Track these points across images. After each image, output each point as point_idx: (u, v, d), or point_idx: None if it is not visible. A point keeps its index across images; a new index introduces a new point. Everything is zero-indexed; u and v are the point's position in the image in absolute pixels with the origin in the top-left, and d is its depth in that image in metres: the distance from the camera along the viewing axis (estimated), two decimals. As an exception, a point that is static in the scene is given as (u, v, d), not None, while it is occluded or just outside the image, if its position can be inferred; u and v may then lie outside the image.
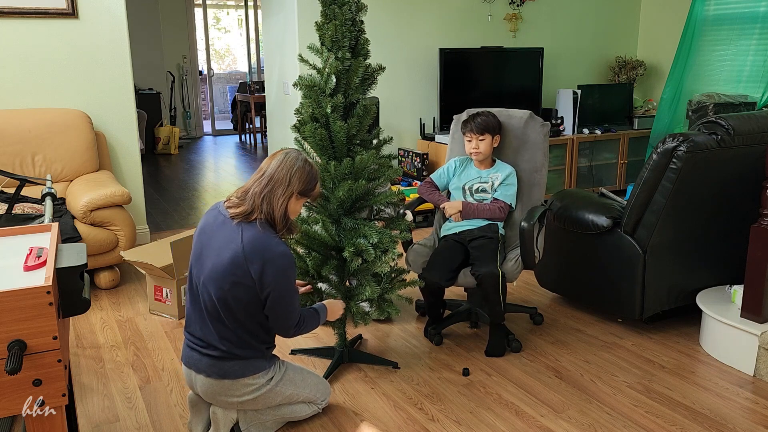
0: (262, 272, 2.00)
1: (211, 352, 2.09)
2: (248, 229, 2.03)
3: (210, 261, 2.06)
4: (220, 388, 2.10)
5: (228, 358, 2.09)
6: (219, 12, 12.72)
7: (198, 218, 5.29)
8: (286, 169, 2.07)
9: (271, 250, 2.02)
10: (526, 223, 2.75)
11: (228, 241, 2.04)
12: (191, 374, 2.15)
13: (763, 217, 2.68)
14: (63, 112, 3.99)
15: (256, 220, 2.05)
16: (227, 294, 2.03)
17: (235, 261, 2.01)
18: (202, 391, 2.14)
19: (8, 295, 1.37)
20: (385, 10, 5.14)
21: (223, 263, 2.02)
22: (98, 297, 3.59)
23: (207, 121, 10.79)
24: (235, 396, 2.13)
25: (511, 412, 2.41)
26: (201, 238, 2.13)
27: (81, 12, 4.07)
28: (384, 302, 2.65)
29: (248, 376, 2.11)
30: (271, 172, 2.08)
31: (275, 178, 2.07)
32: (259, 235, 2.02)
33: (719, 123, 2.78)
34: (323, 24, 2.50)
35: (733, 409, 2.43)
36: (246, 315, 2.07)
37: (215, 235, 2.09)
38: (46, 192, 2.52)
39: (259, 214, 2.05)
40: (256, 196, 2.06)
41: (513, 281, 2.87)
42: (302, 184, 2.09)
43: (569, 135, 5.53)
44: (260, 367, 2.15)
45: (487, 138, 2.93)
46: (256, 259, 2.00)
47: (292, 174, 2.07)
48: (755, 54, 5.22)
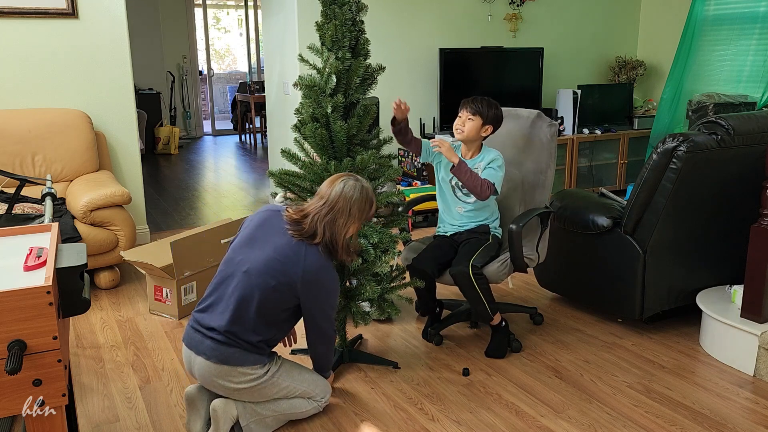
0: (312, 297, 2.16)
1: (216, 336, 2.13)
2: (311, 253, 2.14)
3: (263, 255, 2.14)
4: (217, 372, 2.13)
5: (232, 344, 2.13)
6: (219, 12, 12.71)
7: (198, 218, 5.29)
8: (345, 200, 2.17)
9: (327, 284, 2.18)
10: (515, 225, 2.72)
11: (288, 251, 2.13)
12: (191, 355, 2.17)
13: (763, 217, 2.68)
14: (63, 112, 3.99)
15: (318, 245, 2.15)
16: (269, 292, 2.12)
17: (290, 276, 2.11)
18: (199, 373, 2.16)
19: (8, 295, 1.37)
20: (385, 10, 5.14)
21: (277, 268, 2.11)
22: (98, 297, 3.59)
23: (207, 121, 10.79)
24: (232, 382, 2.15)
25: (511, 412, 2.41)
26: (256, 231, 2.20)
27: (81, 12, 4.07)
28: (384, 302, 2.65)
29: (247, 366, 2.15)
30: (333, 201, 2.17)
31: (336, 209, 2.17)
32: (321, 264, 2.14)
33: (719, 123, 2.78)
34: (323, 24, 2.50)
35: (733, 409, 2.43)
36: (272, 316, 2.17)
37: (274, 236, 2.17)
38: (46, 192, 2.52)
39: (321, 239, 2.15)
40: (318, 222, 2.15)
41: (497, 282, 2.83)
42: (362, 213, 2.21)
43: (569, 135, 5.53)
44: (260, 360, 2.18)
45: (476, 120, 2.78)
46: (312, 287, 2.14)
47: (352, 204, 2.18)
48: (755, 54, 5.22)
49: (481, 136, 2.82)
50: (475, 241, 2.83)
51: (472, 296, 2.70)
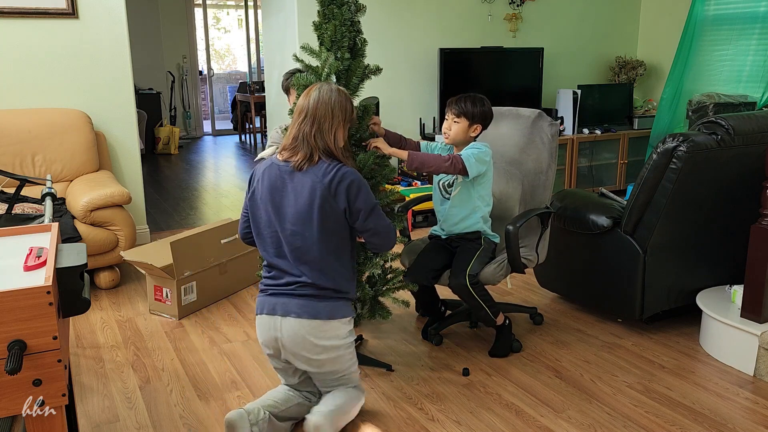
0: (349, 198, 2.14)
1: (303, 291, 2.15)
2: (319, 167, 2.14)
3: (292, 209, 2.15)
4: (310, 328, 2.14)
5: (320, 296, 2.16)
6: (219, 12, 12.72)
7: (198, 218, 5.29)
8: (325, 104, 2.17)
9: (347, 176, 2.14)
10: (512, 226, 2.71)
11: (306, 184, 2.13)
12: (275, 321, 2.16)
13: (763, 217, 2.68)
14: (63, 112, 3.99)
15: (320, 160, 2.15)
16: (320, 228, 2.13)
17: (323, 198, 2.12)
18: (289, 335, 2.14)
19: (8, 295, 1.37)
20: (385, 10, 5.14)
21: (310, 204, 2.12)
22: (98, 297, 3.59)
23: (207, 121, 10.79)
24: (324, 338, 2.16)
25: (511, 412, 2.41)
26: (273, 196, 2.18)
27: (81, 12, 4.07)
28: (377, 304, 2.64)
29: (337, 318, 2.18)
30: (313, 110, 2.17)
31: (319, 115, 2.16)
32: (331, 168, 2.14)
33: (719, 123, 2.78)
34: (321, 24, 2.50)
35: (733, 409, 2.43)
36: (339, 246, 2.20)
37: (288, 185, 2.17)
38: (46, 192, 2.51)
39: (318, 153, 2.15)
40: (308, 136, 2.15)
41: (494, 284, 2.83)
42: (344, 112, 2.20)
43: (569, 135, 5.53)
44: (347, 312, 2.22)
45: (462, 122, 2.68)
46: (339, 190, 2.13)
47: (333, 106, 2.17)
48: (755, 54, 5.22)
49: (470, 136, 2.73)
50: (469, 248, 2.78)
51: (473, 305, 2.71)
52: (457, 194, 2.78)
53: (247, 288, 3.70)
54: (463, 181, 2.73)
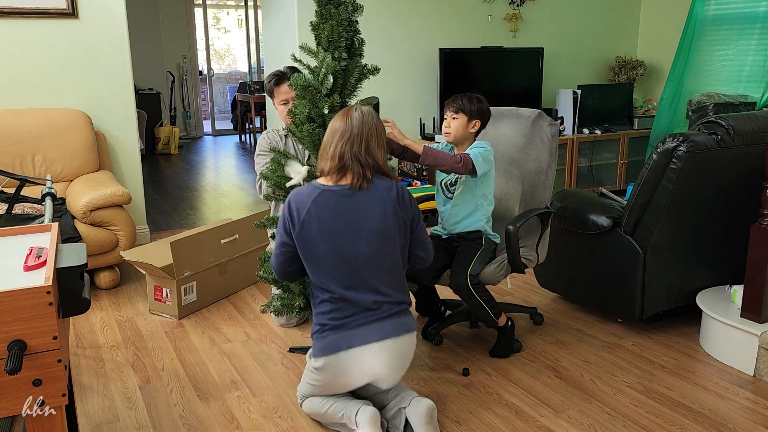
0: (411, 210, 2.22)
1: (393, 309, 2.17)
2: (378, 184, 2.17)
3: (365, 230, 2.14)
4: (410, 344, 2.20)
5: (403, 311, 2.21)
6: (219, 12, 12.72)
7: (198, 218, 5.29)
8: (369, 124, 2.20)
9: (405, 189, 2.22)
10: (512, 226, 2.71)
11: (374, 202, 2.15)
12: (372, 350, 2.11)
13: (763, 217, 2.68)
14: (63, 112, 3.99)
15: (372, 177, 2.17)
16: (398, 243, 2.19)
17: (395, 212, 2.16)
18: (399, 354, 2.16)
19: (8, 295, 1.37)
20: (385, 10, 5.15)
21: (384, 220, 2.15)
22: (98, 297, 3.59)
23: (207, 121, 10.79)
24: (413, 350, 2.23)
25: (511, 412, 2.41)
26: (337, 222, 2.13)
27: (81, 12, 4.07)
28: None
29: (415, 327, 2.24)
30: (358, 131, 2.17)
31: (365, 134, 2.18)
32: (390, 182, 2.20)
33: (719, 123, 2.78)
34: (318, 24, 2.50)
35: (733, 409, 2.43)
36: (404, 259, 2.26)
37: (351, 207, 2.15)
38: (46, 192, 2.51)
39: (370, 171, 2.17)
40: (359, 155, 2.16)
41: (494, 284, 2.82)
42: (383, 131, 2.26)
43: (569, 135, 5.53)
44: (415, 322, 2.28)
45: (461, 118, 2.70)
46: (403, 203, 2.19)
47: (374, 124, 2.21)
48: (755, 54, 5.22)
49: (470, 132, 2.75)
50: (470, 248, 2.78)
51: (474, 305, 2.70)
52: (459, 193, 2.79)
53: (247, 288, 3.70)
54: (466, 179, 2.74)
